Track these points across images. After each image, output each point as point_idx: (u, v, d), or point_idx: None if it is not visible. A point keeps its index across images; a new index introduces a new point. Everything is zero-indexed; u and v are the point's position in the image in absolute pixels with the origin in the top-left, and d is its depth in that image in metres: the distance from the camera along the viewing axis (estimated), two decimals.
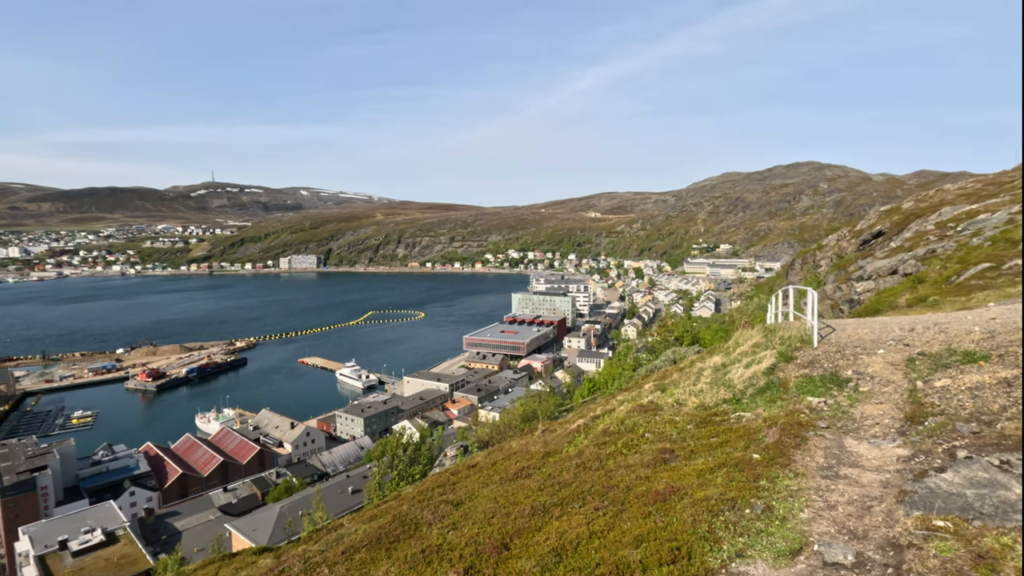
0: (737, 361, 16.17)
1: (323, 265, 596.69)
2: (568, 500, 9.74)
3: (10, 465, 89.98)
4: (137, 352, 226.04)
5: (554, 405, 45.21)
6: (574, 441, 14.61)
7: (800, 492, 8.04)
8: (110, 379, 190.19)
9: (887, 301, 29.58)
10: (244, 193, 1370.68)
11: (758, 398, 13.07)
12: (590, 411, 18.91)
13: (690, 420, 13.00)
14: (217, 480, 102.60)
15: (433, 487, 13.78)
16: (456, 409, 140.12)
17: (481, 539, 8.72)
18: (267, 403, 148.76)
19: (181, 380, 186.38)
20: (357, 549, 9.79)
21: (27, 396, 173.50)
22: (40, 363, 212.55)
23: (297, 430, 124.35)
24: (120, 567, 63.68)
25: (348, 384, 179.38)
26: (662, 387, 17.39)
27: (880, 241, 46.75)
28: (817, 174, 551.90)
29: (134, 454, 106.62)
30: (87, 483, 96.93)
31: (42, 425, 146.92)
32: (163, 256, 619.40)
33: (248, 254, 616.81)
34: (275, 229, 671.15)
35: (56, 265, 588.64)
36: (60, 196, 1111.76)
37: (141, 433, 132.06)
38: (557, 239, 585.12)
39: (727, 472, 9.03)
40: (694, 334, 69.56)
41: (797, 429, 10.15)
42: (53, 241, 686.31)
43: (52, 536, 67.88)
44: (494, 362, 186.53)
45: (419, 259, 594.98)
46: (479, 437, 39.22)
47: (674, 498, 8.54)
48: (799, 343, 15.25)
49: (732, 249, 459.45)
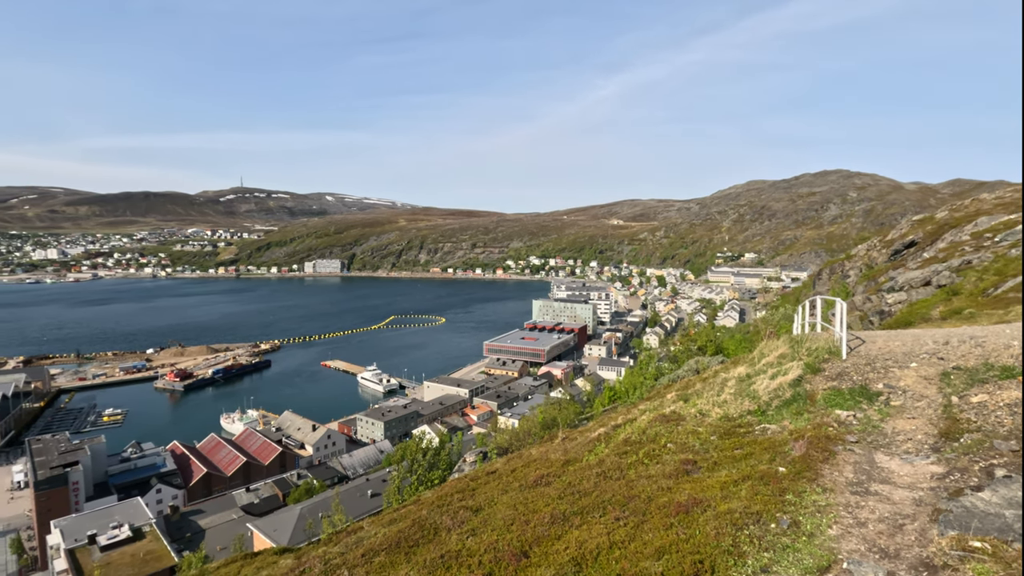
0: (762, 372, 15.86)
1: (346, 270, 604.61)
2: (588, 509, 9.64)
3: (44, 460, 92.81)
4: (166, 352, 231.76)
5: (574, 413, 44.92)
6: (594, 450, 14.48)
7: (828, 508, 7.82)
8: (140, 378, 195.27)
9: (920, 313, 28.76)
10: (271, 198, 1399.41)
11: (784, 410, 12.79)
12: (611, 420, 18.73)
13: (713, 431, 12.78)
14: (240, 480, 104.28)
15: (452, 492, 13.78)
16: (475, 415, 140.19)
17: (500, 546, 8.68)
18: (290, 405, 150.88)
19: (207, 381, 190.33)
20: (377, 552, 9.83)
21: (61, 393, 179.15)
22: (74, 361, 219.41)
23: (318, 432, 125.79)
24: (145, 563, 65.06)
25: (369, 388, 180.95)
26: (685, 397, 17.14)
27: (912, 251, 45.50)
28: (846, 182, 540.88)
29: (161, 452, 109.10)
30: (116, 479, 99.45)
31: (75, 422, 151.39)
32: (192, 259, 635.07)
33: (274, 258, 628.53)
34: (300, 234, 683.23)
35: (91, 267, 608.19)
36: (96, 200, 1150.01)
37: (168, 432, 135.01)
38: (578, 246, 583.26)
39: (752, 485, 8.84)
40: (717, 344, 68.46)
41: (825, 443, 9.90)
42: (89, 244, 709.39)
43: (82, 530, 69.75)
44: (514, 368, 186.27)
45: (441, 265, 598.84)
46: (498, 443, 39.12)
47: (697, 510, 8.38)
48: (827, 355, 14.91)
49: (757, 258, 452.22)
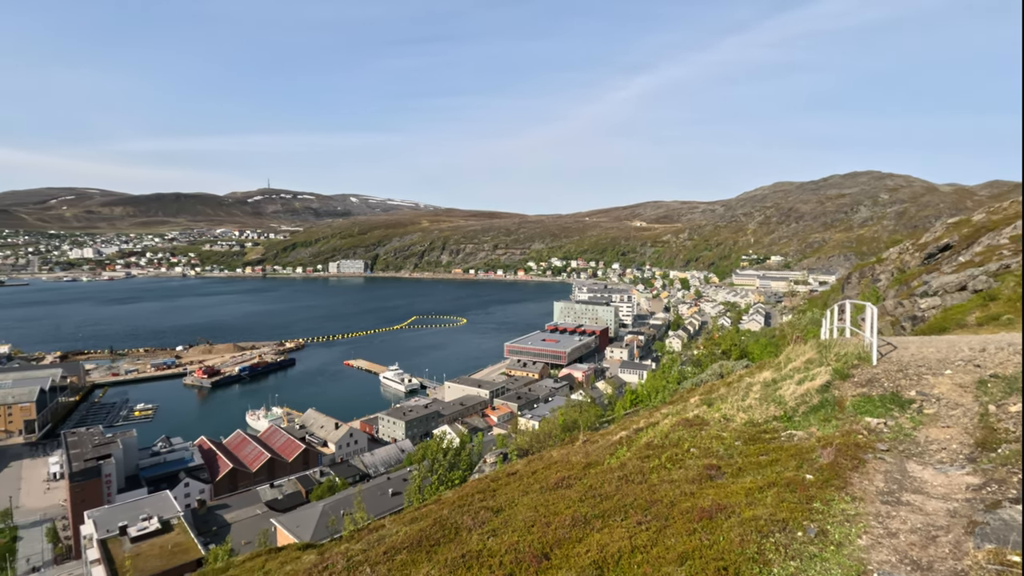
0: (788, 377, 15.57)
1: (370, 270, 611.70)
2: (610, 512, 9.58)
3: (79, 452, 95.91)
4: (195, 350, 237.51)
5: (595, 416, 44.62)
6: (616, 453, 14.38)
7: (858, 517, 7.63)
8: (170, 375, 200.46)
9: (955, 319, 27.87)
10: (297, 199, 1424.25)
11: (811, 416, 12.53)
12: (633, 423, 18.58)
13: (738, 436, 12.58)
14: (264, 476, 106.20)
15: (473, 493, 13.82)
16: (496, 416, 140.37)
17: (521, 547, 8.68)
18: (313, 403, 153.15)
19: (234, 378, 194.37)
20: (398, 550, 9.92)
21: (95, 388, 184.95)
22: (108, 357, 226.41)
23: (341, 431, 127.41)
24: (173, 555, 66.74)
25: (391, 387, 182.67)
26: (708, 401, 16.91)
27: (947, 255, 44.15)
28: (877, 184, 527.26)
29: (189, 447, 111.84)
30: (146, 473, 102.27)
31: (108, 416, 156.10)
32: (221, 259, 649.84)
33: (299, 258, 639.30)
34: (325, 234, 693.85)
35: (125, 265, 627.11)
36: (130, 201, 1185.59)
37: (196, 427, 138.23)
38: (601, 248, 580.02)
39: (777, 492, 8.68)
40: (742, 348, 67.41)
41: (854, 451, 9.67)
42: (123, 243, 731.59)
43: (113, 521, 71.87)
44: (535, 370, 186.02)
45: (462, 266, 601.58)
46: (518, 445, 39.10)
47: (721, 516, 8.26)
48: (856, 360, 14.56)
49: (784, 261, 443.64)
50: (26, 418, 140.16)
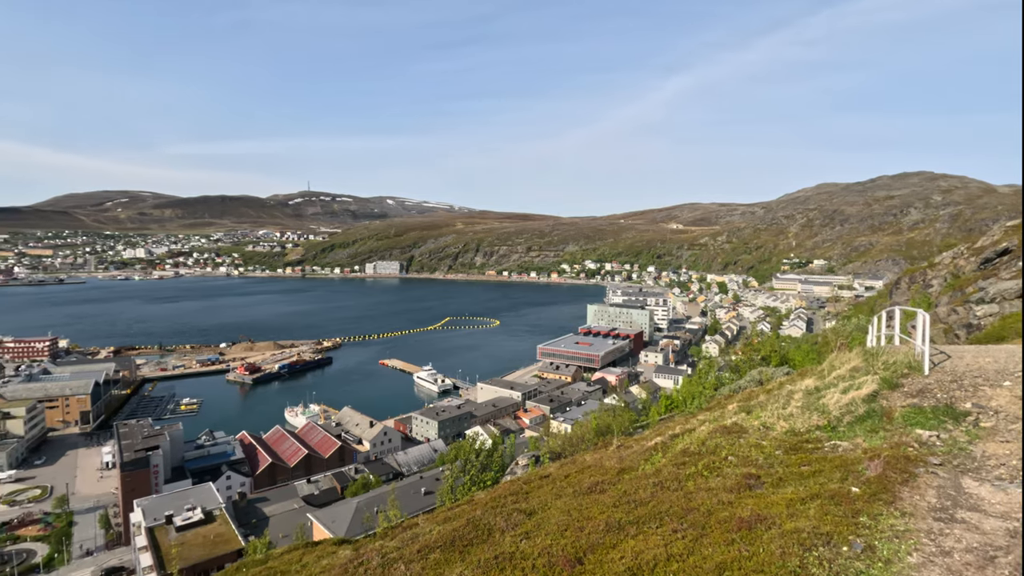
0: (832, 385, 15.04)
1: (405, 271, 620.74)
2: (644, 519, 9.44)
3: (130, 443, 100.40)
4: (237, 347, 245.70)
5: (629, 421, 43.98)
6: (651, 459, 14.16)
7: (908, 533, 7.30)
8: (213, 371, 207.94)
9: (1014, 327, 26.41)
10: (336, 202, 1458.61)
11: (857, 427, 12.07)
12: (668, 429, 18.27)
13: (778, 445, 12.22)
14: (302, 471, 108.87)
15: (506, 494, 13.83)
16: (528, 418, 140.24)
17: (554, 551, 8.64)
18: (349, 401, 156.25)
19: (274, 375, 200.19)
20: (432, 549, 10.01)
21: (145, 382, 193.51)
22: (157, 353, 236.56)
23: (376, 429, 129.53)
24: (215, 545, 69.09)
25: (424, 387, 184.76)
26: (747, 409, 16.49)
27: (1006, 260, 41.83)
28: (929, 185, 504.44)
29: (231, 441, 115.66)
30: (191, 465, 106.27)
31: (156, 409, 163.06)
32: (262, 259, 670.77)
33: (337, 259, 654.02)
34: (362, 236, 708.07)
35: (174, 265, 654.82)
36: (179, 203, 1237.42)
37: (237, 422, 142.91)
38: (636, 251, 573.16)
39: (821, 504, 8.38)
40: (783, 354, 65.50)
41: (904, 464, 9.26)
42: (172, 244, 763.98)
43: (160, 510, 74.95)
44: (567, 373, 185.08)
45: (496, 268, 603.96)
46: (551, 448, 38.96)
47: (760, 527, 8.04)
48: (906, 369, 13.97)
49: (827, 265, 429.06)
50: (82, 409, 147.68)
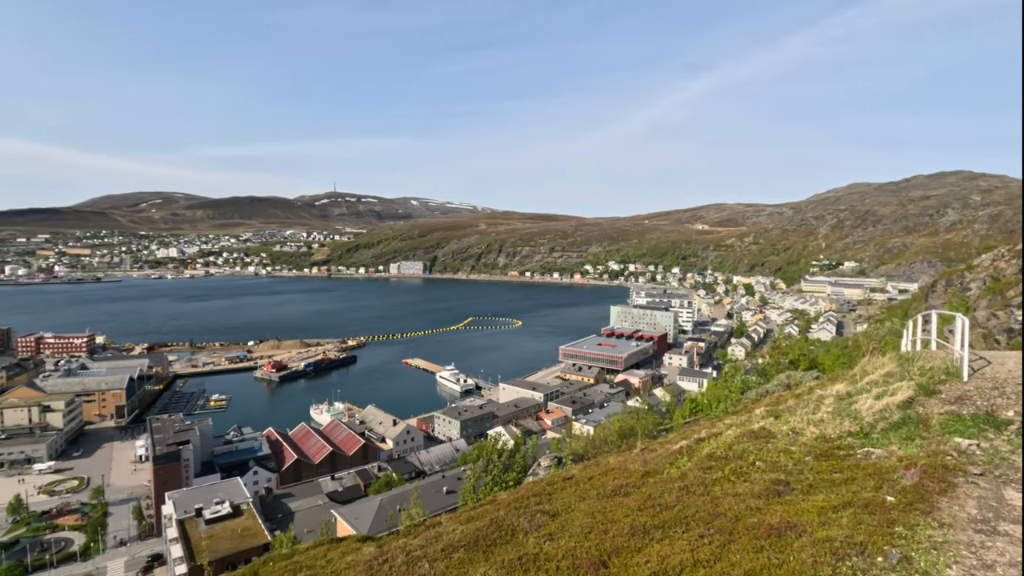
0: (865, 391, 14.65)
1: (428, 271, 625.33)
2: (670, 523, 9.32)
3: (162, 437, 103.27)
4: (264, 345, 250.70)
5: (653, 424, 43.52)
6: (676, 463, 13.98)
7: (946, 545, 7.05)
8: (242, 368, 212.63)
9: None
10: (361, 203, 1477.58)
11: (891, 434, 11.72)
12: (693, 433, 18.02)
13: (808, 451, 11.94)
14: (326, 468, 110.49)
15: (529, 495, 13.81)
16: (550, 419, 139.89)
17: (578, 553, 8.59)
18: (373, 399, 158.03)
19: (300, 373, 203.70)
20: (456, 548, 10.04)
21: (177, 378, 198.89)
22: (188, 350, 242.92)
23: (399, 427, 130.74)
24: (243, 538, 70.57)
25: (447, 387, 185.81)
26: (775, 413, 16.16)
27: None
28: (967, 185, 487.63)
29: (258, 437, 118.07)
30: (219, 459, 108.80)
31: (187, 405, 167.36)
32: (289, 259, 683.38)
33: (362, 259, 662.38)
34: (387, 236, 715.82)
35: (204, 264, 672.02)
36: (210, 204, 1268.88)
37: (264, 419, 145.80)
38: (660, 252, 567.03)
39: (854, 513, 8.16)
40: (811, 358, 64.06)
41: (942, 473, 8.95)
42: (203, 244, 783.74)
43: (190, 503, 76.89)
44: (590, 375, 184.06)
45: (519, 268, 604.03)
46: (573, 450, 38.77)
47: (790, 534, 7.86)
48: (943, 375, 13.52)
49: (858, 267, 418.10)
50: (117, 404, 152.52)
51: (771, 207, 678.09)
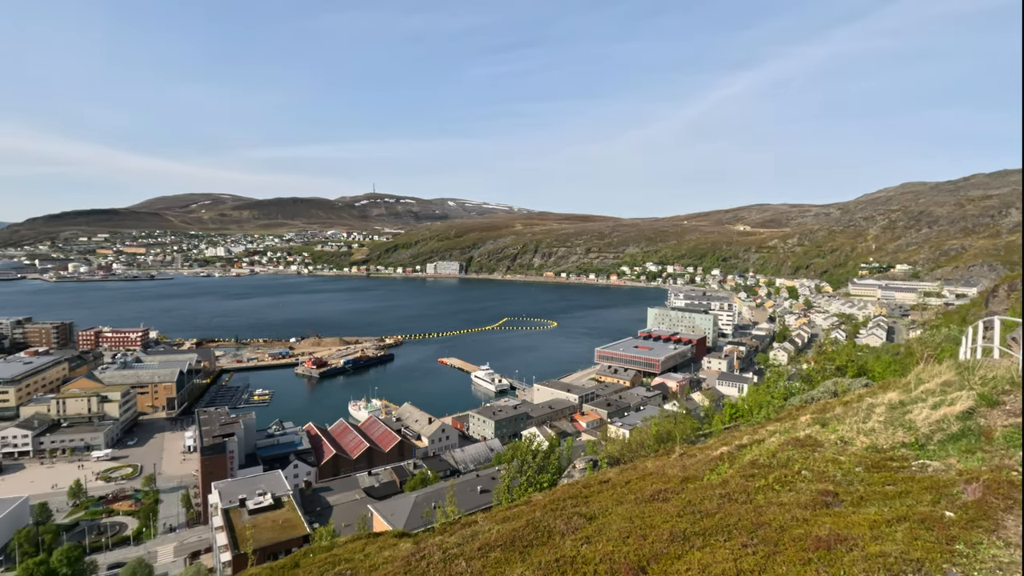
0: (920, 400, 13.97)
1: (464, 272, 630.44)
2: (711, 531, 9.10)
3: (209, 429, 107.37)
4: (305, 342, 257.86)
5: (691, 428, 42.61)
6: (717, 469, 13.65)
7: (1013, 566, 6.63)
8: (284, 364, 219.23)
9: None
10: (399, 203, 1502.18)
11: (949, 446, 11.13)
12: (734, 439, 17.56)
13: (858, 462, 11.47)
14: (363, 464, 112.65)
15: (565, 498, 13.73)
16: (585, 422, 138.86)
17: (616, 558, 8.47)
18: (409, 397, 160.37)
19: (339, 370, 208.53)
20: (492, 548, 10.06)
21: (223, 372, 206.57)
22: (233, 345, 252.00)
23: (434, 425, 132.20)
24: (283, 529, 72.66)
25: (482, 386, 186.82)
26: (822, 421, 15.59)
27: None
28: None
29: (299, 432, 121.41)
30: (262, 452, 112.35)
31: (232, 398, 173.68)
32: (330, 258, 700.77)
33: (400, 259, 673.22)
34: (424, 237, 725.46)
35: (250, 263, 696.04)
36: (255, 205, 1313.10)
37: (304, 414, 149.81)
38: (699, 253, 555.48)
39: (910, 528, 7.77)
40: (860, 364, 61.49)
41: (1007, 489, 8.43)
42: (248, 243, 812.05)
43: (235, 494, 79.64)
44: (626, 377, 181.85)
45: (554, 269, 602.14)
46: (609, 453, 38.33)
47: (840, 548, 7.55)
48: (1007, 386, 12.77)
49: (911, 270, 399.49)
50: (168, 396, 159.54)
51: (817, 207, 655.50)
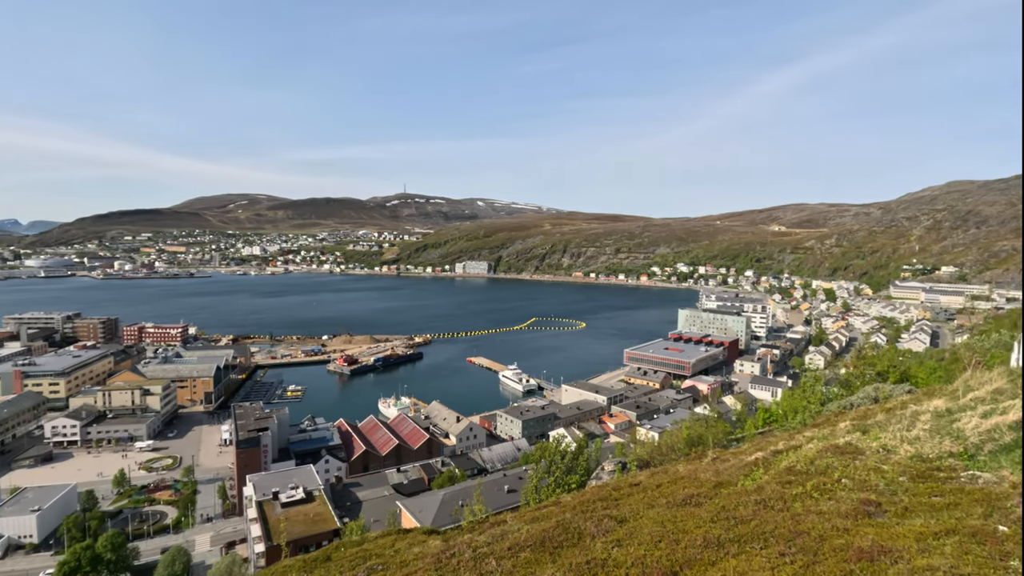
0: (969, 408, 13.37)
1: (493, 271, 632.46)
2: (746, 538, 8.88)
3: (244, 423, 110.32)
4: (337, 340, 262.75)
5: (723, 433, 41.76)
6: (751, 475, 13.33)
7: None
8: (316, 361, 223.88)
9: None
10: (429, 204, 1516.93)
11: (1002, 457, 10.61)
12: (769, 444, 17.13)
13: (902, 471, 11.04)
14: (392, 461, 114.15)
15: (595, 500, 13.62)
16: (613, 423, 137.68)
17: (648, 562, 8.35)
18: (437, 395, 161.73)
19: (369, 367, 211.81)
20: (522, 548, 10.04)
21: (258, 368, 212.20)
22: (268, 342, 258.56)
23: (462, 424, 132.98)
24: (315, 523, 74.15)
25: (509, 386, 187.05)
26: (863, 428, 15.08)
27: None
28: None
29: (330, 428, 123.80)
30: (294, 447, 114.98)
31: (266, 394, 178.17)
32: (361, 258, 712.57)
33: (429, 259, 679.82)
34: (453, 236, 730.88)
35: (284, 262, 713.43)
36: (290, 205, 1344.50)
37: (336, 410, 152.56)
38: (732, 253, 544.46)
39: (959, 541, 7.44)
40: (902, 370, 59.30)
41: None
42: (283, 242, 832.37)
43: (268, 487, 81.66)
44: (655, 379, 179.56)
45: (583, 269, 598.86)
46: (638, 455, 37.91)
47: (884, 560, 7.27)
48: None
49: (958, 272, 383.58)
50: (206, 390, 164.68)
51: (857, 207, 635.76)
